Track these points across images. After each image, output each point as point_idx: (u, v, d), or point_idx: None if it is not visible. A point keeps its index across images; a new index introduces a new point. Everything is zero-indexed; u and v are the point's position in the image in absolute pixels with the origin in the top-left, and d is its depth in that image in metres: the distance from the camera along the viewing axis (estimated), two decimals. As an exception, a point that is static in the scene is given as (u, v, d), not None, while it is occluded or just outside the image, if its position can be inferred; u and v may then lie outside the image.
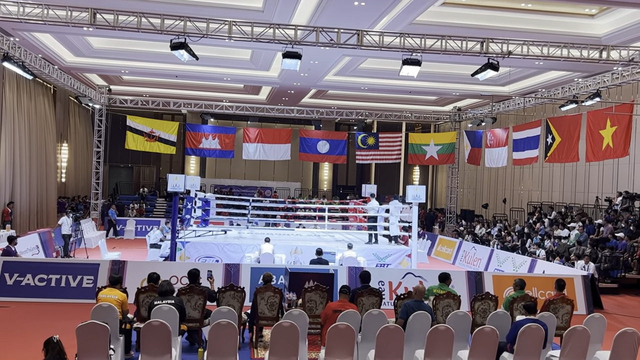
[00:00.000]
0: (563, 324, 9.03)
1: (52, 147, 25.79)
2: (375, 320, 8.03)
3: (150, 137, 25.64)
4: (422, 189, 15.40)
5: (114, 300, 8.14)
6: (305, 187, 37.78)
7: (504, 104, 25.46)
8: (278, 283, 12.38)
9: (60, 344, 5.62)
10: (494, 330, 7.50)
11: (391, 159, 28.55)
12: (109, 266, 12.70)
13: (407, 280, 13.26)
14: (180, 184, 15.25)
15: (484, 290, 12.91)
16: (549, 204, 24.57)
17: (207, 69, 22.22)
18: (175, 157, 34.86)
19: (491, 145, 25.18)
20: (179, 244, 15.94)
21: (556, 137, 20.16)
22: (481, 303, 9.16)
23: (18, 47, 17.90)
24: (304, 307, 9.01)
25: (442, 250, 23.53)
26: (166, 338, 7.05)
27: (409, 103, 28.90)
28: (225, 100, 28.66)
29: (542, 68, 19.68)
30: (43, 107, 24.45)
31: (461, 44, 15.58)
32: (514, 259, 18.23)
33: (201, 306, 8.72)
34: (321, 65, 20.70)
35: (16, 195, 21.44)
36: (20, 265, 12.54)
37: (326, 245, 16.18)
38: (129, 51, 20.79)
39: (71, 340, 6.67)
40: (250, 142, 26.95)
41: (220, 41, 15.76)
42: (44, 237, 18.61)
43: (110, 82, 26.79)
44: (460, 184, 31.71)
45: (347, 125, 37.78)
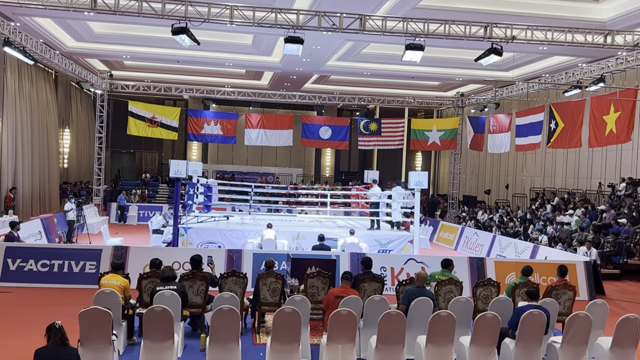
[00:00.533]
0: (565, 310, 9.03)
1: (54, 132, 25.75)
2: (377, 306, 8.04)
3: (152, 122, 25.59)
4: (425, 175, 15.34)
5: (116, 286, 8.16)
6: (308, 173, 37.74)
7: (507, 89, 25.32)
8: (280, 269, 12.39)
9: (63, 330, 5.63)
10: (495, 316, 7.50)
11: (393, 145, 28.48)
12: (111, 252, 12.72)
13: (409, 266, 13.26)
14: (182, 169, 15.23)
15: (486, 276, 12.90)
16: (552, 189, 24.52)
17: (209, 54, 22.10)
18: (177, 142, 34.81)
19: (494, 131, 25.09)
20: (181, 230, 15.96)
21: (559, 123, 20.06)
22: (483, 289, 9.16)
23: (19, 32, 17.80)
24: (306, 293, 9.02)
25: (444, 236, 23.55)
26: (169, 324, 7.07)
27: (412, 88, 28.75)
28: (227, 85, 28.55)
29: (546, 53, 19.53)
30: (45, 93, 24.38)
31: (465, 28, 15.45)
32: (516, 245, 18.23)
33: (203, 292, 8.74)
34: (323, 50, 20.58)
35: (18, 181, 21.44)
36: (23, 250, 12.58)
37: (328, 231, 16.19)
38: (130, 36, 20.67)
39: (73, 325, 6.69)
40: (252, 128, 26.88)
41: (222, 26, 15.64)
42: (46, 222, 18.65)
43: (112, 67, 26.69)
44: (462, 170, 31.65)
45: (349, 111, 37.65)
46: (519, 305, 8.15)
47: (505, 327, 7.89)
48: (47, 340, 5.62)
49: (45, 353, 5.52)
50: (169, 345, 7.16)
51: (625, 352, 7.79)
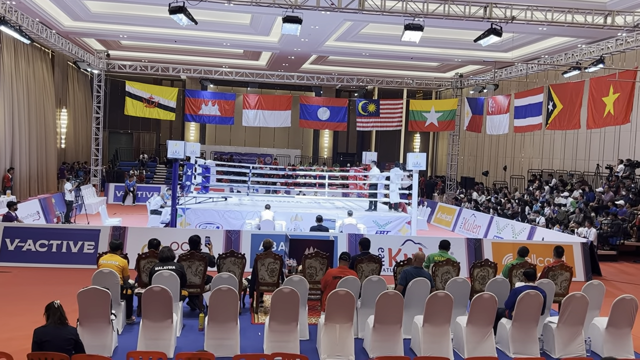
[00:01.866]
0: (562, 290, 9.08)
1: (51, 112, 25.65)
2: (374, 287, 8.09)
3: (150, 103, 25.48)
4: (423, 157, 15.35)
5: (114, 266, 8.18)
6: (306, 154, 37.70)
7: (506, 70, 25.23)
8: (278, 250, 12.43)
9: (62, 309, 5.66)
10: (492, 297, 7.55)
11: (392, 126, 28.42)
12: (109, 232, 12.75)
13: (407, 247, 13.32)
14: (180, 150, 15.21)
15: (483, 257, 12.98)
16: (549, 171, 24.55)
17: (207, 34, 21.93)
18: (175, 123, 34.68)
19: (493, 112, 25.04)
20: (180, 211, 15.98)
21: (557, 104, 20.02)
22: (480, 270, 9.21)
23: (15, 10, 17.64)
24: (304, 274, 9.07)
25: (442, 217, 23.61)
26: (167, 303, 7.11)
27: (411, 69, 28.61)
28: (224, 66, 28.39)
29: (545, 34, 19.41)
30: (41, 72, 24.24)
31: (464, 8, 15.34)
32: (513, 226, 18.30)
33: (202, 272, 8.77)
34: (322, 30, 20.43)
35: (16, 161, 21.40)
36: (21, 230, 12.60)
37: (326, 212, 16.23)
38: (127, 15, 20.47)
39: (72, 305, 6.72)
40: (250, 109, 26.79)
41: (220, 5, 15.51)
42: (44, 202, 18.65)
43: (109, 47, 26.50)
44: (460, 151, 31.64)
45: (347, 92, 37.52)
46: (516, 285, 8.20)
47: (502, 308, 7.95)
48: (46, 319, 5.65)
49: (45, 332, 5.56)
50: (167, 324, 7.21)
51: (620, 333, 7.86)
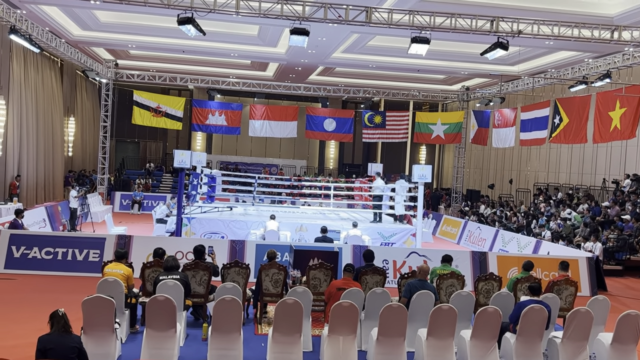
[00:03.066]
0: (566, 305, 9.04)
1: (59, 120, 25.81)
2: (378, 299, 8.07)
3: (157, 112, 25.62)
4: (429, 169, 15.34)
5: (119, 274, 8.20)
6: (311, 165, 37.75)
7: (513, 83, 25.26)
8: (283, 260, 12.44)
9: (66, 317, 5.67)
10: (497, 311, 7.52)
11: (398, 138, 28.46)
12: (115, 241, 12.78)
13: (412, 259, 13.28)
14: (186, 159, 15.26)
15: (488, 270, 12.92)
16: (555, 185, 24.49)
17: (214, 45, 22.08)
18: (181, 132, 34.85)
19: (499, 125, 25.04)
20: (185, 220, 16.01)
21: (564, 118, 20.01)
22: (485, 283, 9.18)
23: (25, 19, 17.82)
24: (308, 285, 9.06)
25: (447, 230, 23.56)
26: (171, 313, 7.11)
27: (417, 82, 28.68)
28: (232, 76, 28.54)
29: (552, 48, 19.45)
30: (50, 81, 24.42)
31: (471, 22, 15.40)
32: (518, 240, 18.23)
33: (206, 282, 8.78)
34: (329, 42, 20.53)
35: (23, 168, 21.52)
36: (27, 238, 12.64)
37: (331, 224, 16.23)
38: (136, 25, 20.65)
39: (77, 313, 6.74)
40: (257, 119, 26.90)
41: (228, 16, 15.62)
42: (50, 210, 18.73)
43: (117, 56, 26.69)
44: (466, 164, 31.63)
45: (354, 104, 37.60)
46: (521, 299, 8.17)
47: (506, 322, 7.91)
48: (50, 327, 5.66)
49: (49, 340, 5.56)
50: (171, 334, 7.21)
51: (626, 349, 7.80)
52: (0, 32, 18.98)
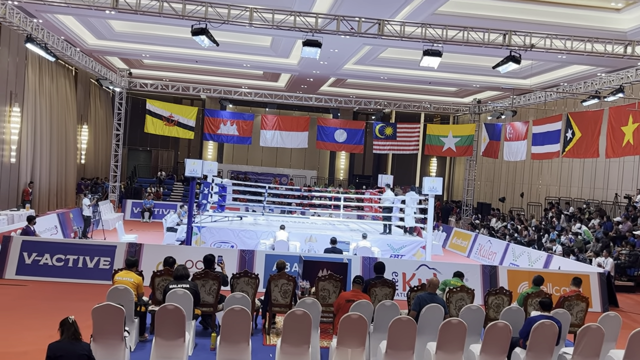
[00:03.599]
0: (577, 321, 8.97)
1: (73, 128, 26.04)
2: (387, 311, 8.05)
3: (169, 121, 25.80)
4: (439, 181, 15.31)
5: (129, 282, 8.24)
6: (322, 175, 37.79)
7: (525, 97, 25.19)
8: (292, 271, 12.43)
9: (76, 325, 5.70)
10: (507, 325, 7.47)
11: (408, 150, 28.44)
12: (125, 248, 12.84)
13: (421, 272, 13.24)
14: (197, 168, 15.33)
15: (499, 284, 12.85)
16: (567, 199, 24.34)
17: (227, 55, 22.23)
18: (193, 142, 35.04)
19: (510, 138, 24.97)
20: (195, 229, 16.06)
21: (576, 132, 19.93)
22: (495, 297, 9.14)
23: (41, 28, 18.04)
24: (317, 296, 9.05)
25: (458, 242, 23.46)
26: (180, 322, 7.13)
27: (428, 94, 28.69)
28: (244, 86, 28.69)
29: (564, 62, 19.41)
30: (64, 89, 24.67)
31: (483, 35, 15.41)
32: (529, 254, 18.12)
33: (215, 291, 8.80)
34: (341, 53, 20.62)
35: (36, 176, 21.70)
36: (39, 244, 12.72)
37: (341, 235, 16.22)
38: (150, 35, 20.85)
39: (87, 320, 6.77)
40: (268, 129, 27.00)
41: (241, 27, 15.74)
42: (62, 217, 18.86)
43: (131, 65, 26.93)
44: (477, 177, 31.51)
45: (365, 115, 37.66)
46: (531, 315, 8.11)
47: (516, 337, 7.86)
48: (60, 334, 5.69)
49: (59, 347, 5.59)
50: (180, 343, 7.22)
51: (637, 366, 7.72)
52: (17, 40, 19.23)
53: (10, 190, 19.89)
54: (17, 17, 16.28)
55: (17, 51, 19.68)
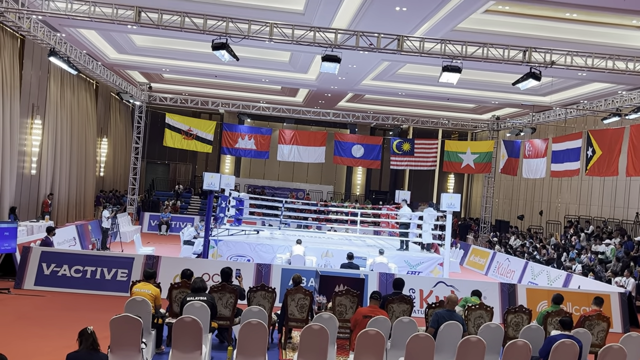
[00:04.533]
0: (598, 341, 8.81)
1: (93, 141, 26.34)
2: (405, 328, 7.97)
3: (188, 135, 26.01)
4: (457, 198, 15.20)
5: (147, 294, 8.25)
6: (338, 190, 37.75)
7: (544, 114, 25.03)
8: (308, 285, 12.39)
9: (94, 335, 5.71)
10: (526, 344, 7.36)
11: (426, 166, 28.35)
12: (143, 261, 12.89)
13: (439, 289, 13.13)
14: (215, 182, 15.40)
15: (517, 303, 12.69)
16: (587, 217, 24.04)
17: (246, 70, 22.42)
18: (211, 155, 35.24)
19: (530, 155, 24.79)
20: (212, 242, 16.09)
21: (597, 150, 19.73)
22: (514, 316, 9.01)
23: (64, 42, 18.35)
24: (333, 311, 9.00)
25: (475, 260, 23.24)
26: (197, 334, 7.11)
27: (447, 110, 28.63)
28: (262, 101, 28.87)
29: (585, 79, 19.29)
30: (85, 102, 24.99)
31: (503, 52, 15.38)
32: (548, 273, 17.89)
33: (232, 304, 8.78)
34: (359, 69, 20.68)
35: (56, 187, 21.93)
36: (58, 256, 12.82)
37: (357, 250, 16.15)
38: (170, 50, 21.11)
39: (104, 331, 6.78)
40: (285, 144, 27.09)
41: (260, 42, 15.88)
42: (81, 229, 19.01)
43: (151, 79, 27.24)
44: (495, 194, 31.28)
45: (382, 130, 37.64)
46: (552, 334, 7.98)
47: (536, 356, 7.73)
48: (78, 344, 5.70)
49: (77, 357, 5.60)
50: (196, 356, 7.20)
51: (660, 389, 7.55)
52: (40, 54, 19.55)
53: (30, 202, 20.13)
54: (41, 31, 16.58)
55: (40, 64, 20.01)
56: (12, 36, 17.77)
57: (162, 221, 26.24)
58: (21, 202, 19.31)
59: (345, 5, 14.83)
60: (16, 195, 18.86)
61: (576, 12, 15.07)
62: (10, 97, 17.77)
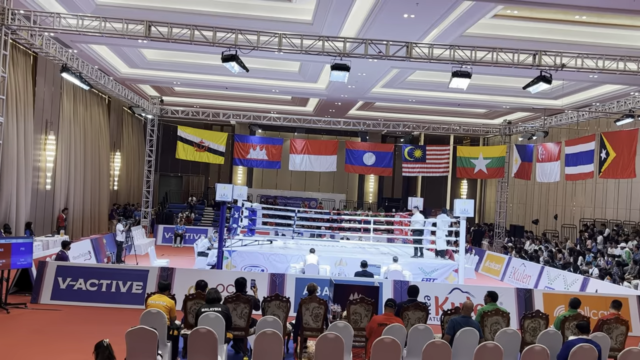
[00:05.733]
0: (617, 345, 8.71)
1: (106, 155, 26.56)
2: (421, 335, 7.92)
3: (200, 147, 26.14)
4: (470, 203, 15.12)
5: (162, 306, 8.27)
6: (351, 198, 37.72)
7: (556, 117, 24.89)
8: (322, 294, 12.35)
9: (110, 348, 5.75)
10: (544, 350, 7.29)
11: (438, 172, 28.24)
12: (157, 273, 12.94)
13: (454, 295, 13.05)
14: (228, 193, 15.44)
15: (534, 308, 12.58)
16: (602, 220, 23.81)
17: (256, 81, 22.52)
18: (223, 167, 35.38)
19: (543, 159, 24.62)
20: (226, 253, 16.13)
21: (610, 153, 19.57)
22: (531, 321, 8.93)
23: (76, 58, 18.55)
24: (348, 320, 8.96)
25: (491, 266, 23.08)
26: (212, 345, 7.12)
27: (458, 116, 28.56)
28: (273, 111, 28.96)
29: (596, 81, 19.17)
30: (98, 117, 25.23)
31: (513, 56, 15.32)
32: (565, 277, 17.72)
33: (247, 315, 8.78)
34: (369, 77, 20.71)
35: (70, 202, 22.12)
36: (73, 270, 12.90)
37: (371, 258, 16.09)
38: (181, 63, 21.27)
39: (120, 344, 6.81)
40: (297, 153, 27.12)
41: (270, 53, 15.95)
42: (96, 243, 19.13)
43: (163, 93, 27.45)
44: (509, 199, 31.07)
45: (393, 138, 37.61)
46: (569, 339, 7.90)
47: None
48: (95, 357, 5.74)
49: (94, 370, 5.64)
50: (212, 367, 7.20)
51: (682, 392, 7.44)
52: (52, 70, 19.79)
53: (45, 217, 20.31)
54: (53, 48, 16.77)
55: (52, 81, 20.25)
56: (25, 53, 18.02)
57: (177, 233, 26.35)
58: (36, 217, 19.49)
59: (354, 14, 14.88)
60: (31, 210, 19.05)
61: (586, 15, 15.01)
62: (24, 114, 17.99)
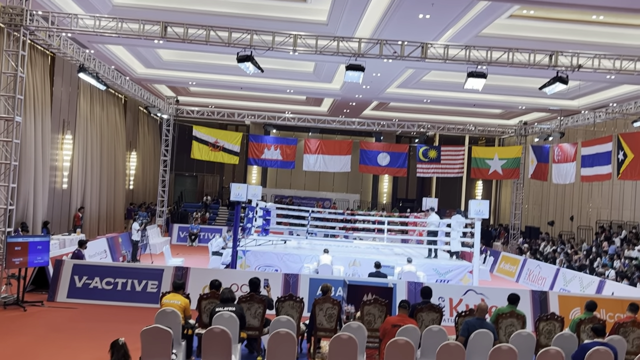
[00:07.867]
0: (634, 348, 8.62)
1: (122, 155, 26.76)
2: (435, 337, 7.91)
3: (215, 147, 26.25)
4: (485, 204, 15.03)
5: (177, 305, 8.33)
6: (365, 199, 37.67)
7: (573, 118, 24.67)
8: (336, 295, 12.35)
9: (126, 347, 5.79)
10: (559, 352, 7.25)
11: (453, 173, 28.10)
12: (172, 272, 13.03)
13: (469, 297, 12.98)
14: (242, 193, 15.50)
15: (549, 310, 12.49)
16: (619, 222, 23.56)
17: (271, 81, 22.57)
18: (237, 167, 35.52)
19: (559, 160, 24.41)
20: (240, 252, 16.19)
21: (628, 154, 19.35)
22: (546, 323, 8.87)
23: (93, 58, 18.71)
24: (362, 320, 8.96)
25: (506, 267, 22.93)
26: (227, 345, 7.16)
27: (473, 116, 28.41)
28: (287, 111, 29.01)
29: (613, 82, 18.98)
30: (114, 117, 25.43)
31: (529, 56, 15.21)
32: (581, 279, 17.56)
33: (261, 314, 8.81)
34: (384, 77, 20.67)
35: (87, 201, 22.32)
36: (89, 268, 13.03)
37: (385, 259, 16.07)
38: (196, 63, 21.38)
39: (136, 343, 6.87)
40: (311, 154, 27.14)
41: (285, 54, 15.97)
42: (111, 242, 19.29)
43: (178, 93, 27.60)
44: (525, 200, 30.85)
45: (408, 138, 37.51)
46: (585, 342, 7.84)
47: (569, 364, 7.60)
48: (110, 355, 5.79)
49: (109, 368, 5.69)
50: (226, 366, 7.24)
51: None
52: (70, 71, 19.99)
53: (62, 216, 20.51)
54: (71, 48, 16.93)
55: (70, 81, 20.45)
56: (43, 54, 18.22)
57: (192, 233, 26.49)
58: (53, 216, 19.69)
59: (368, 14, 14.87)
60: (48, 209, 19.25)
61: (602, 14, 14.87)
62: (42, 113, 18.19)
